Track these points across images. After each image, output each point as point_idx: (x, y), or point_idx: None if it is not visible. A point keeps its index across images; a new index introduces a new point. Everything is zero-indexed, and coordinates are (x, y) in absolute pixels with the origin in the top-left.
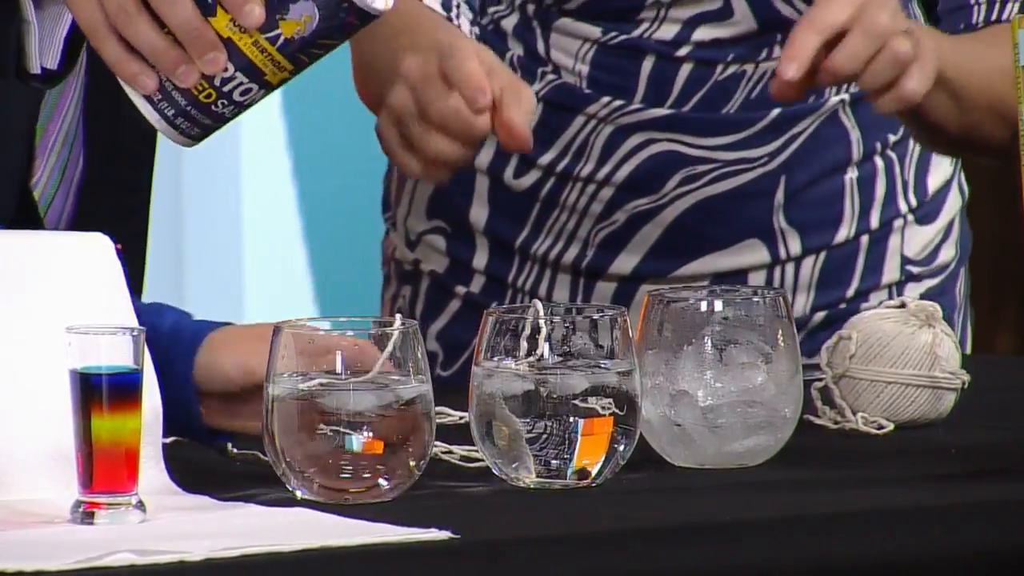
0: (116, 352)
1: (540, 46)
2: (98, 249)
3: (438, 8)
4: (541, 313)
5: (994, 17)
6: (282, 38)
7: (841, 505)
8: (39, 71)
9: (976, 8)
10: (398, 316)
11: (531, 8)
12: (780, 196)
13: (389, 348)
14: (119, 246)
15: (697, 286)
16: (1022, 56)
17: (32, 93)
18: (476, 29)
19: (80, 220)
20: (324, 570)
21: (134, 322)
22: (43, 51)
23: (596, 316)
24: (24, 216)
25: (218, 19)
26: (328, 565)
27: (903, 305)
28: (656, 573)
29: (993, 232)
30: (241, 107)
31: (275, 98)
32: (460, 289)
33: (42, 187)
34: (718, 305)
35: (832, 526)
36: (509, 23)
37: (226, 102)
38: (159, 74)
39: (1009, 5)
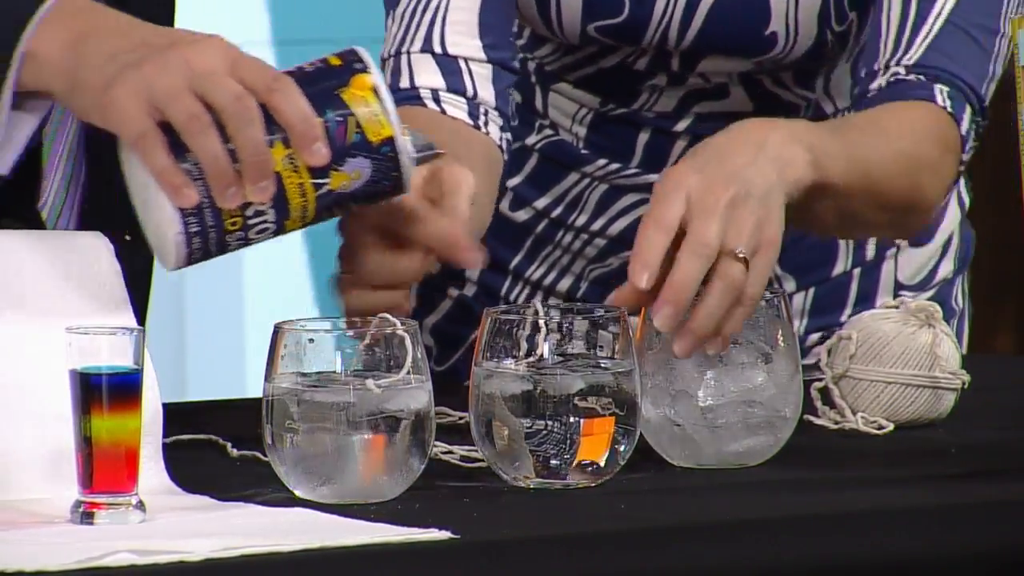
0: (116, 352)
1: (538, 102)
2: (98, 249)
3: (464, 117)
4: (540, 313)
5: (900, 54)
6: (326, 187)
7: (841, 505)
8: None
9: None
10: (397, 320)
11: (531, 65)
12: None
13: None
14: (128, 237)
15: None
16: (1022, 56)
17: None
18: (508, 135)
19: (85, 226)
20: (324, 570)
21: (134, 322)
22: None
23: (596, 316)
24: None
25: (273, 151)
26: (328, 565)
27: (902, 305)
28: (656, 573)
29: (993, 232)
30: (246, 244)
31: None
32: (453, 291)
33: (49, 206)
34: None
35: (832, 526)
36: None
37: (241, 234)
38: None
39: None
